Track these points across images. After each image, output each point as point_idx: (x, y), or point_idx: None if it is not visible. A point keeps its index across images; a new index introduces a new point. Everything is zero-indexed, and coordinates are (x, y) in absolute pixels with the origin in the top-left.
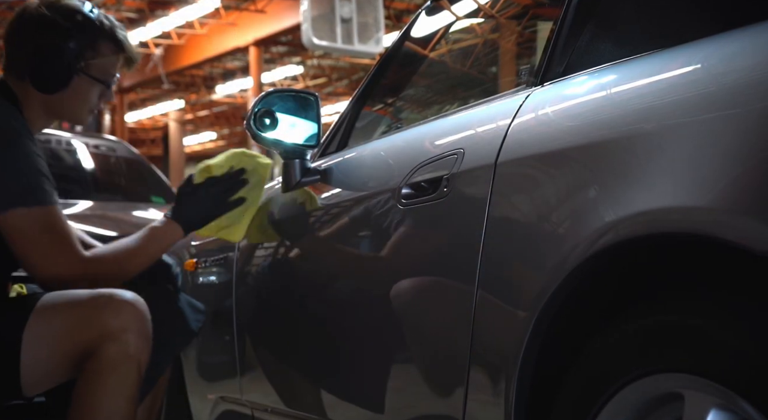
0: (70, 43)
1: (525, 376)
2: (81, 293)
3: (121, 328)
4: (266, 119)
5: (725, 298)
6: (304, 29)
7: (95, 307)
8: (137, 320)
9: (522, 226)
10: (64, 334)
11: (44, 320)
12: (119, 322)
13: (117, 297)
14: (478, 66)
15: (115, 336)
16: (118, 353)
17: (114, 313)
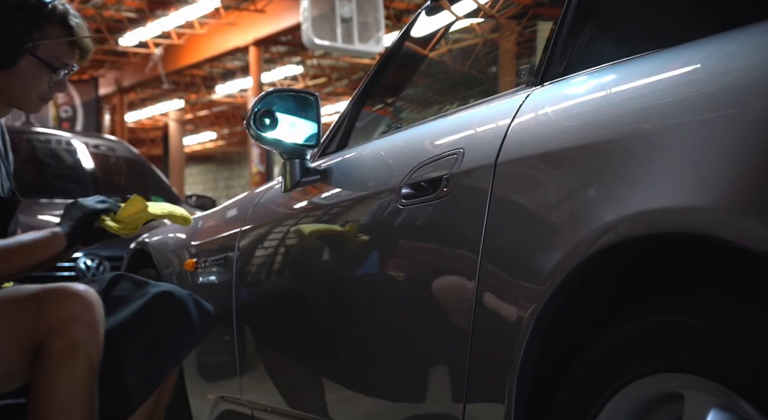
0: (17, 21)
1: (525, 376)
2: (31, 288)
3: (67, 320)
4: (266, 119)
5: (725, 298)
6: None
7: (42, 301)
8: (84, 310)
9: (522, 225)
10: (14, 330)
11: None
12: (64, 313)
13: (63, 289)
14: (478, 66)
15: (61, 328)
16: (64, 346)
17: (60, 306)
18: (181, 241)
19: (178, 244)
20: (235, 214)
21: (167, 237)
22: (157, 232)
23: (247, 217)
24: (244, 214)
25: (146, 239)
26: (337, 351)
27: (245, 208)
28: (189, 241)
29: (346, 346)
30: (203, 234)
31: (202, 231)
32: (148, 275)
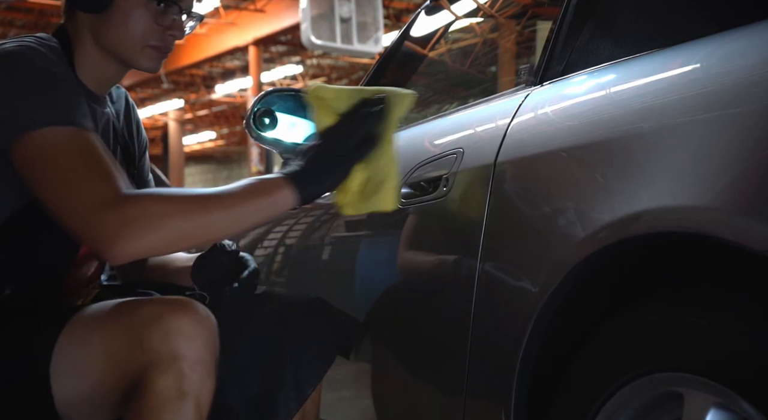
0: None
1: (525, 376)
2: (125, 303)
3: (173, 355)
4: (266, 119)
5: (725, 297)
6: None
7: (140, 324)
8: (197, 344)
9: (521, 225)
10: (100, 359)
11: (76, 340)
12: (170, 345)
13: (171, 310)
14: (478, 65)
15: (166, 363)
16: (168, 387)
17: (164, 334)
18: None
19: None
20: None
21: None
22: None
23: None
24: None
25: None
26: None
27: None
28: None
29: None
30: None
31: None
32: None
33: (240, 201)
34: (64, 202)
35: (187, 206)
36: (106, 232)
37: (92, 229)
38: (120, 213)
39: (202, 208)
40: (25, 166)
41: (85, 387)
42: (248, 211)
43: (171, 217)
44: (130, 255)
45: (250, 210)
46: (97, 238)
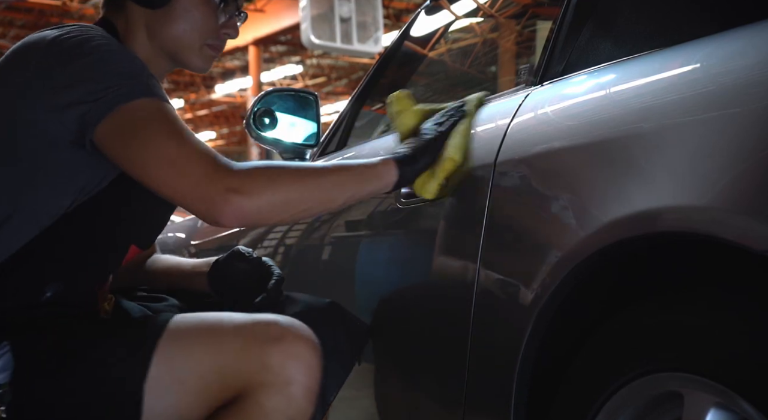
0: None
1: (524, 376)
2: (239, 318)
3: (289, 379)
4: (266, 118)
5: (724, 297)
6: (303, 28)
7: (262, 341)
8: (311, 372)
9: (521, 225)
10: (205, 371)
11: (179, 352)
12: (289, 369)
13: (294, 334)
14: (478, 65)
15: (279, 387)
16: (275, 411)
17: (284, 356)
18: (180, 240)
19: (178, 244)
20: None
21: (167, 236)
22: None
23: None
24: None
25: None
26: None
27: None
28: (188, 240)
29: None
30: (203, 233)
31: (201, 230)
32: None
33: (348, 170)
34: (171, 167)
35: (299, 172)
36: (223, 193)
37: (208, 191)
38: (235, 175)
39: (315, 175)
40: (120, 141)
41: (178, 399)
42: (354, 181)
43: (285, 181)
44: (246, 216)
45: (355, 179)
46: (214, 199)
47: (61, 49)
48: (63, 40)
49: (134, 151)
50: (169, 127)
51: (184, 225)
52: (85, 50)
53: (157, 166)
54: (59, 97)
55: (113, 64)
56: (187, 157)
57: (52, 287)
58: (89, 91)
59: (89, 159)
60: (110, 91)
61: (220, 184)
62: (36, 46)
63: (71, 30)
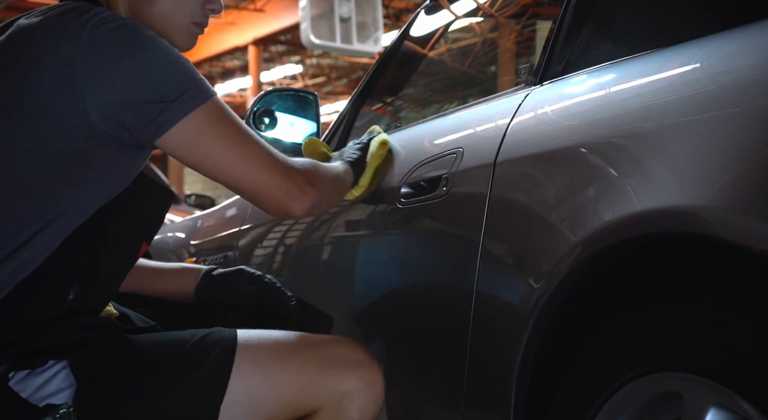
0: None
1: (524, 376)
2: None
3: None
4: (265, 118)
5: (725, 297)
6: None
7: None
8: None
9: (521, 225)
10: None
11: (258, 373)
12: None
13: (369, 358)
14: (478, 65)
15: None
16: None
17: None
18: (180, 240)
19: (178, 244)
20: (235, 213)
21: (166, 236)
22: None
23: (247, 217)
24: (244, 213)
25: None
26: None
27: (244, 207)
28: (188, 240)
29: None
30: (202, 233)
31: (201, 230)
32: None
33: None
34: (255, 165)
35: (327, 168)
36: (300, 188)
37: (288, 188)
38: (302, 170)
39: (334, 169)
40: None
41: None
42: (350, 177)
43: (328, 174)
44: (317, 206)
45: (350, 177)
46: (293, 194)
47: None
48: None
49: (215, 152)
50: (239, 127)
51: (184, 225)
52: (139, 43)
53: (241, 165)
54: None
55: (174, 60)
56: (265, 155)
57: (74, 291)
58: (162, 91)
59: (127, 159)
60: (185, 92)
61: (299, 178)
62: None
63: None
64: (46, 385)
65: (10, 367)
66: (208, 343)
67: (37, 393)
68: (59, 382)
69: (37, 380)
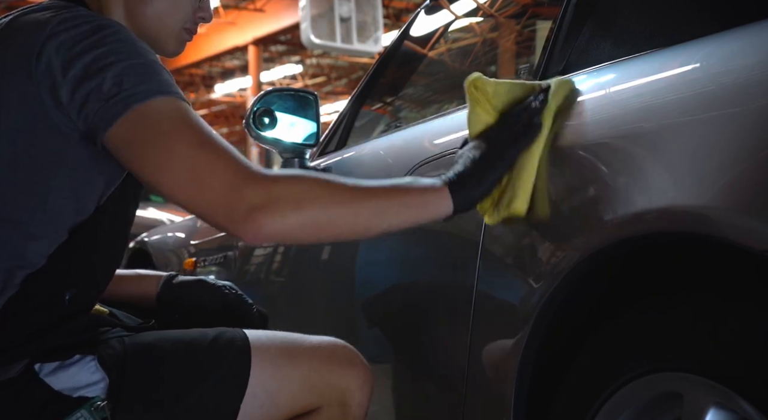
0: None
1: (524, 376)
2: (312, 338)
3: (360, 401)
4: (265, 118)
5: (725, 297)
6: (303, 28)
7: (343, 362)
8: (370, 395)
9: (521, 225)
10: (296, 390)
11: (276, 373)
12: (361, 393)
13: (361, 357)
14: (478, 65)
15: (350, 406)
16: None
17: (359, 379)
18: (180, 240)
19: (178, 244)
20: None
21: (166, 236)
22: (157, 231)
23: None
24: None
25: (145, 238)
26: None
27: None
28: (188, 240)
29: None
30: (202, 233)
31: (201, 230)
32: None
33: (391, 196)
34: (192, 178)
35: (333, 193)
36: (246, 208)
37: (231, 206)
38: (262, 189)
39: (350, 198)
40: (134, 146)
41: (269, 416)
42: (397, 210)
43: (316, 202)
44: (269, 235)
45: (398, 208)
46: (236, 215)
47: (72, 33)
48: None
49: (150, 159)
50: (189, 131)
51: (184, 225)
52: (102, 38)
53: (176, 176)
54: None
55: (126, 55)
56: (209, 166)
57: (70, 291)
58: (101, 88)
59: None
60: (124, 89)
61: (245, 200)
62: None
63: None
64: (76, 378)
65: (33, 361)
66: (224, 342)
67: (68, 385)
68: (89, 375)
69: (68, 372)
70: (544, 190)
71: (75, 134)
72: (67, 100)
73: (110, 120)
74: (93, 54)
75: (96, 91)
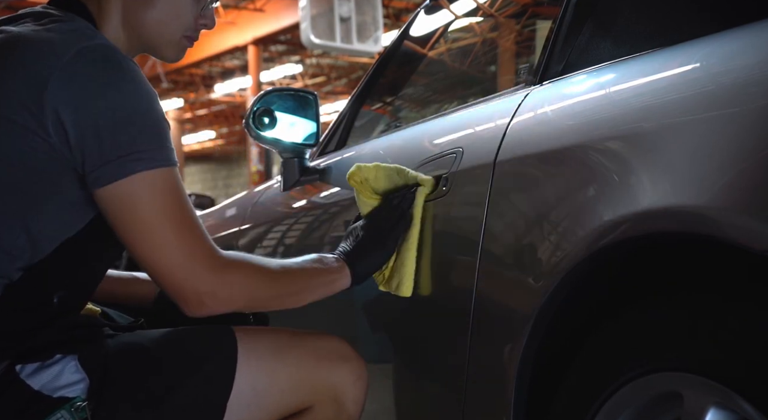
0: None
1: (524, 375)
2: (301, 333)
3: (355, 397)
4: (265, 118)
5: (724, 297)
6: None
7: (333, 358)
8: (366, 390)
9: (521, 224)
10: (285, 386)
11: (262, 369)
12: (357, 388)
13: (355, 352)
14: (477, 65)
15: (344, 402)
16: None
17: (353, 374)
18: None
19: None
20: (234, 213)
21: None
22: None
23: (246, 216)
24: (243, 213)
25: None
26: None
27: (244, 207)
28: None
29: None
30: None
31: None
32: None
33: (308, 279)
34: (161, 256)
35: (272, 279)
36: (197, 293)
37: (187, 287)
38: (219, 277)
39: (283, 283)
40: (118, 211)
41: (256, 414)
42: (312, 290)
43: (259, 289)
44: (212, 314)
45: (314, 289)
46: (186, 296)
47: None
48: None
49: (129, 225)
50: (171, 208)
51: None
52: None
53: (144, 246)
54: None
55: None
56: (177, 247)
57: (59, 294)
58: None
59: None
60: (133, 153)
61: (199, 287)
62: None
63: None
64: (57, 378)
65: (13, 363)
66: (210, 339)
67: (48, 385)
68: (70, 375)
69: (48, 372)
70: (427, 269)
71: (72, 169)
72: (75, 142)
73: (108, 179)
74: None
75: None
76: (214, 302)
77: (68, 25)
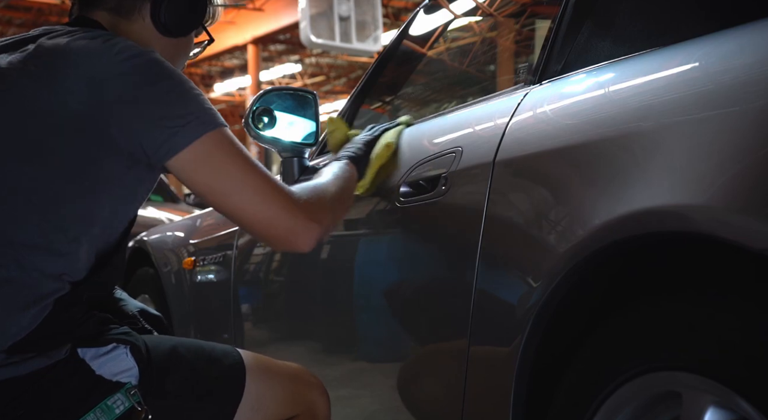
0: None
1: (523, 375)
2: (287, 363)
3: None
4: (264, 117)
5: (724, 297)
6: (303, 27)
7: (311, 383)
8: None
9: (520, 224)
10: (279, 403)
11: (264, 385)
12: (326, 409)
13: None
14: (477, 64)
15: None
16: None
17: (324, 397)
18: (179, 239)
19: (177, 243)
20: None
21: (165, 235)
22: (156, 230)
23: None
24: None
25: (144, 238)
26: (336, 350)
27: None
28: (187, 239)
29: (345, 345)
30: (202, 232)
31: (200, 229)
32: (147, 274)
33: (347, 178)
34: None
35: (332, 189)
36: (304, 222)
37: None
38: (305, 204)
39: (339, 189)
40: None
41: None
42: (352, 186)
43: (331, 201)
44: (319, 240)
45: (352, 185)
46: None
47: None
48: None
49: (219, 179)
50: (247, 159)
51: (184, 224)
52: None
53: (242, 196)
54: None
55: (190, 90)
56: (270, 189)
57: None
58: (178, 114)
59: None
60: (196, 117)
61: (301, 215)
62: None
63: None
64: (114, 364)
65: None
66: (221, 351)
67: (107, 370)
68: (123, 362)
69: (106, 358)
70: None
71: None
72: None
73: (185, 143)
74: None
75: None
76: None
77: (102, 34)
